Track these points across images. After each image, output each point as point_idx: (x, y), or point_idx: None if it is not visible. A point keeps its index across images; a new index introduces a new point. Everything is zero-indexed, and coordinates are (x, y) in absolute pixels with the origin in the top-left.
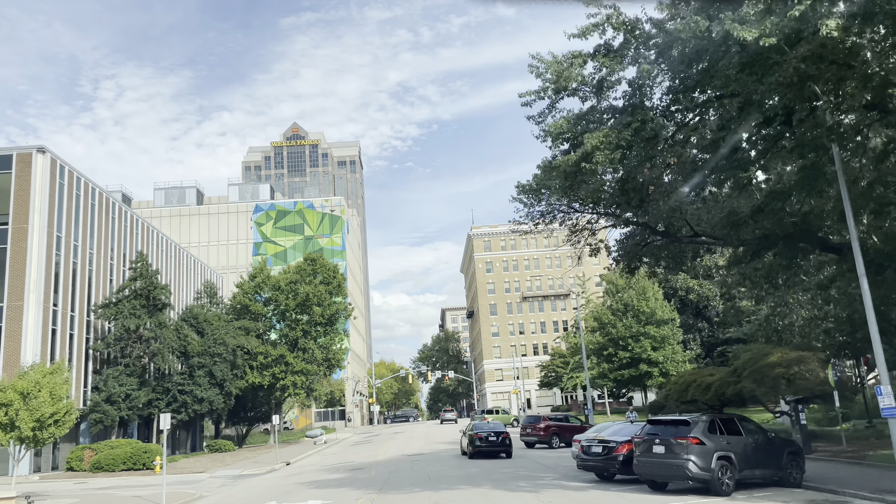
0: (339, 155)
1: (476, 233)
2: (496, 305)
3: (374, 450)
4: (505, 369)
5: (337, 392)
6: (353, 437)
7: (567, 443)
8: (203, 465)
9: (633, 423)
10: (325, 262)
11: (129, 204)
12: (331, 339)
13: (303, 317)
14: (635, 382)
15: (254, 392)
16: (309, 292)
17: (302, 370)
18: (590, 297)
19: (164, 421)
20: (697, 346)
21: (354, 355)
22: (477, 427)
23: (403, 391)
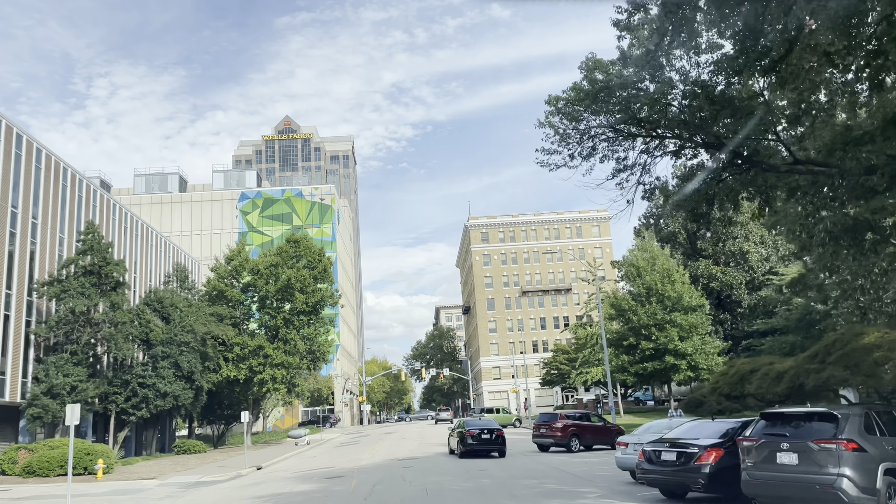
0: (331, 149)
1: (473, 224)
2: (494, 300)
3: (360, 452)
4: (503, 367)
5: (325, 390)
6: (340, 438)
7: (587, 446)
8: (159, 470)
9: (709, 423)
10: (310, 244)
11: (109, 190)
12: (315, 330)
13: (284, 305)
14: (659, 377)
15: (230, 387)
16: (291, 277)
17: (282, 363)
18: (602, 286)
19: (71, 414)
20: (720, 340)
21: (344, 352)
22: (468, 424)
23: (396, 390)
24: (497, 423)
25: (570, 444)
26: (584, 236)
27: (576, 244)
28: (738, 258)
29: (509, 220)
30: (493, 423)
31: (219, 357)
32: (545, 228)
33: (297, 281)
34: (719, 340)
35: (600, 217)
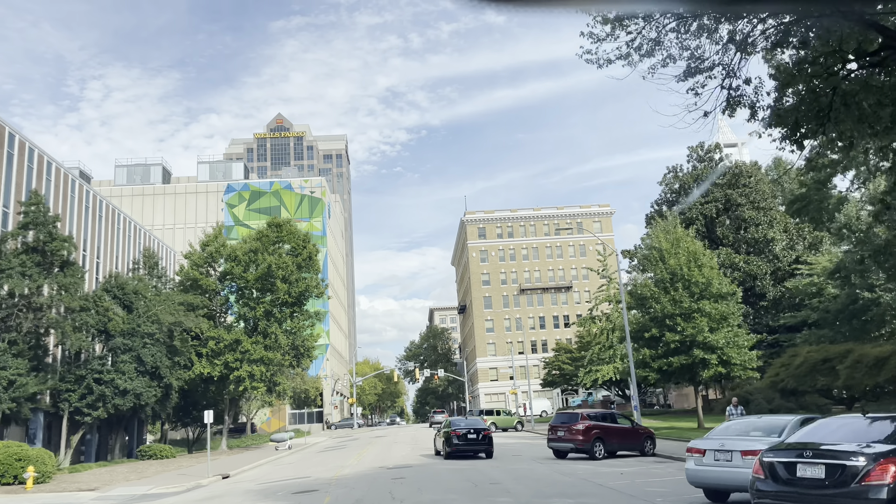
0: (324, 148)
1: (470, 219)
2: (491, 298)
3: (345, 459)
4: (500, 368)
5: (313, 391)
6: (327, 441)
7: (611, 451)
8: (109, 479)
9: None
10: (294, 228)
11: (89, 181)
12: (299, 323)
13: (265, 295)
14: (684, 373)
15: (205, 386)
16: (272, 264)
17: (262, 359)
18: (612, 276)
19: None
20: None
21: (335, 352)
22: (454, 424)
23: (388, 392)
24: (483, 421)
25: (594, 449)
26: (585, 232)
27: (576, 240)
28: (761, 246)
29: (507, 214)
30: (480, 422)
31: (191, 352)
32: (544, 224)
33: (279, 268)
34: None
35: (601, 212)
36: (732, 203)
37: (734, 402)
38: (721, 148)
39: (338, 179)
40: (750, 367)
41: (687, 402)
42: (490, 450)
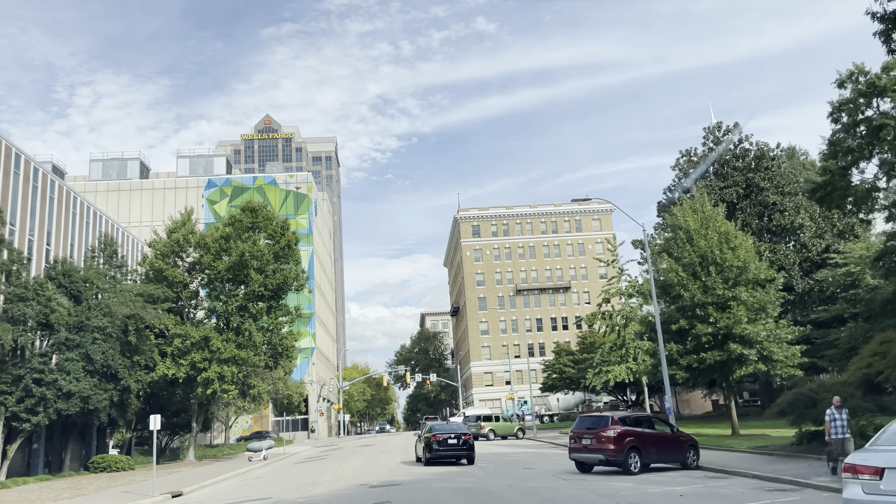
0: (314, 150)
1: (463, 216)
2: (486, 299)
3: (322, 472)
4: (496, 373)
5: (296, 396)
6: (308, 451)
7: (647, 464)
8: (36, 497)
9: None
10: (271, 214)
11: (63, 177)
12: (276, 320)
13: (237, 288)
14: (718, 371)
15: (171, 389)
16: (245, 252)
17: (233, 358)
18: (623, 267)
19: None
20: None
21: (321, 356)
22: (435, 429)
23: (378, 399)
24: (465, 426)
25: (628, 461)
26: (584, 230)
27: (575, 238)
28: (787, 234)
29: (502, 212)
30: (462, 427)
31: (153, 351)
32: (541, 221)
33: (253, 257)
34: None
35: (601, 209)
36: (754, 187)
37: (836, 402)
38: (741, 128)
39: (327, 182)
40: (791, 363)
41: (689, 408)
42: (472, 455)
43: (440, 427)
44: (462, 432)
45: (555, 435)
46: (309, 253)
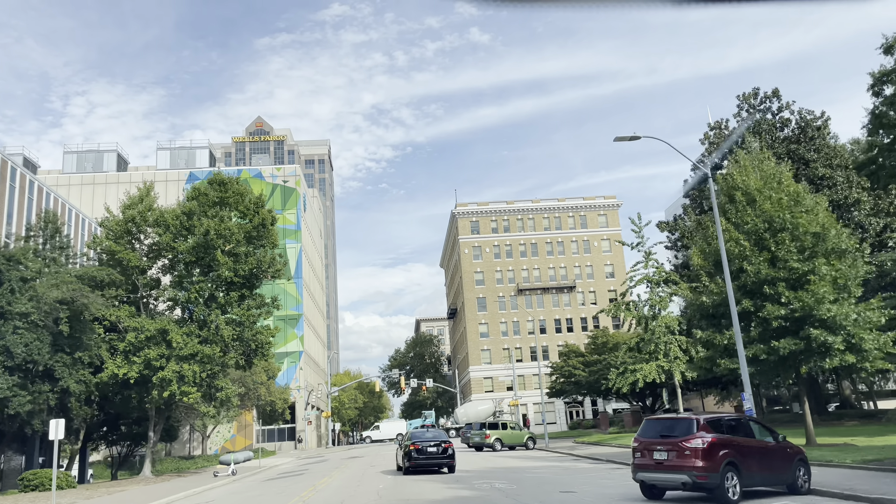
0: (307, 153)
1: (461, 211)
2: (485, 300)
3: (288, 496)
4: (496, 378)
5: (280, 403)
6: (288, 464)
7: (749, 486)
8: None
9: None
10: (243, 188)
11: (35, 172)
12: (248, 312)
13: (202, 274)
14: (790, 363)
15: (127, 392)
16: (211, 230)
17: (195, 355)
18: (650, 250)
19: None
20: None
21: (310, 361)
22: (414, 437)
23: (371, 407)
24: (445, 433)
25: (724, 484)
26: (590, 226)
27: (580, 235)
28: (841, 212)
29: (503, 207)
30: (442, 434)
31: (100, 346)
32: (544, 217)
33: (220, 237)
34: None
35: (608, 204)
36: (799, 160)
37: None
38: (780, 95)
39: (320, 185)
40: (882, 354)
41: None
42: (452, 464)
43: (419, 435)
44: (441, 440)
45: (569, 445)
46: (297, 250)
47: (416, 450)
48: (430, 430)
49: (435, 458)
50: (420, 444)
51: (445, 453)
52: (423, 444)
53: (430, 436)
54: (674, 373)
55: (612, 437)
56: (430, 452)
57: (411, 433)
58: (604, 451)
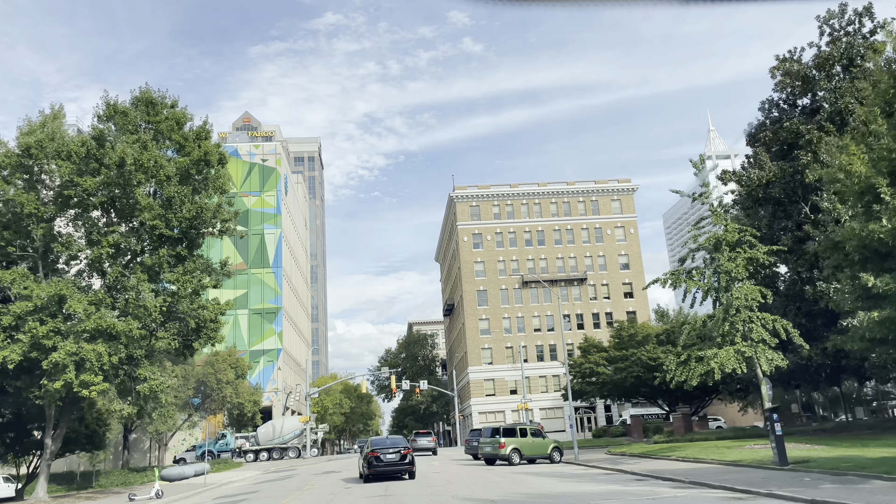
0: (296, 150)
1: (460, 195)
2: (486, 293)
3: None
4: (499, 379)
5: (249, 406)
6: (241, 482)
7: None
8: None
9: None
10: (180, 114)
11: None
12: (186, 277)
13: (119, 221)
14: None
15: (12, 383)
16: (128, 158)
17: (105, 332)
18: (720, 200)
19: None
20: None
21: (290, 361)
22: (374, 444)
23: (360, 413)
24: (405, 440)
25: None
26: (602, 212)
27: (591, 222)
28: None
29: (506, 190)
30: (402, 441)
31: None
32: (552, 202)
33: (142, 170)
34: None
35: (622, 188)
36: None
37: None
38: (872, 13)
39: (310, 183)
40: None
41: (729, 419)
42: (412, 470)
43: (379, 442)
44: (402, 446)
45: (603, 457)
46: (276, 236)
47: (375, 457)
48: (389, 437)
49: (394, 465)
50: (379, 451)
51: (405, 460)
52: (382, 452)
53: (389, 443)
54: (758, 360)
55: (660, 447)
56: (390, 460)
57: (372, 440)
58: (668, 466)
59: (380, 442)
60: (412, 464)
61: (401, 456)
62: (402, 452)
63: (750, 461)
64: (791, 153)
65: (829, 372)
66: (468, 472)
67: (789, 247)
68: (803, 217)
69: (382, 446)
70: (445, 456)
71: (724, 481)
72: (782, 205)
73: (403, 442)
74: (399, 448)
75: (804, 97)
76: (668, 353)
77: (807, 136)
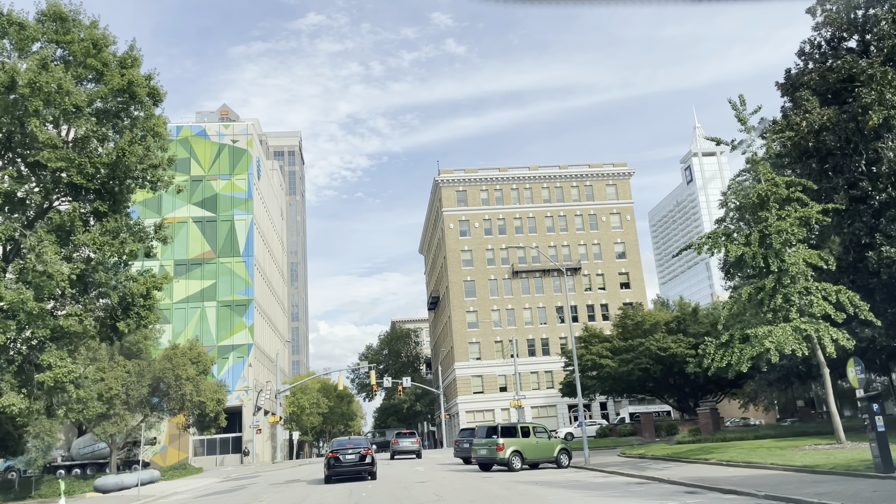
0: (275, 144)
1: (446, 179)
2: (474, 283)
3: None
4: (487, 376)
5: (211, 405)
6: (183, 495)
7: None
8: None
9: None
10: (99, 35)
11: None
12: (107, 240)
13: (11, 168)
14: None
15: None
16: (20, 80)
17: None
18: (760, 157)
19: None
20: None
21: (262, 357)
22: (335, 444)
23: (339, 413)
24: (366, 440)
25: None
26: (597, 198)
27: (585, 209)
28: None
29: (495, 174)
30: (363, 441)
31: None
32: (543, 187)
33: (39, 95)
34: None
35: (617, 173)
36: None
37: None
38: None
39: (290, 178)
40: None
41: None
42: (373, 471)
43: (340, 443)
44: (362, 447)
45: (618, 460)
46: (247, 222)
47: (334, 458)
48: (352, 438)
49: (354, 465)
50: (339, 452)
51: (364, 461)
52: (342, 453)
53: (349, 444)
54: (821, 340)
55: (688, 448)
56: (349, 460)
57: (335, 441)
58: (715, 473)
59: (340, 443)
60: (372, 464)
61: (360, 457)
62: (361, 453)
63: (831, 466)
64: (842, 98)
65: (885, 357)
66: (461, 482)
67: (846, 206)
68: (859, 174)
69: (342, 448)
70: (431, 459)
71: (819, 496)
72: (833, 157)
73: (365, 443)
74: (359, 449)
75: (851, 39)
76: (679, 343)
77: (869, 72)
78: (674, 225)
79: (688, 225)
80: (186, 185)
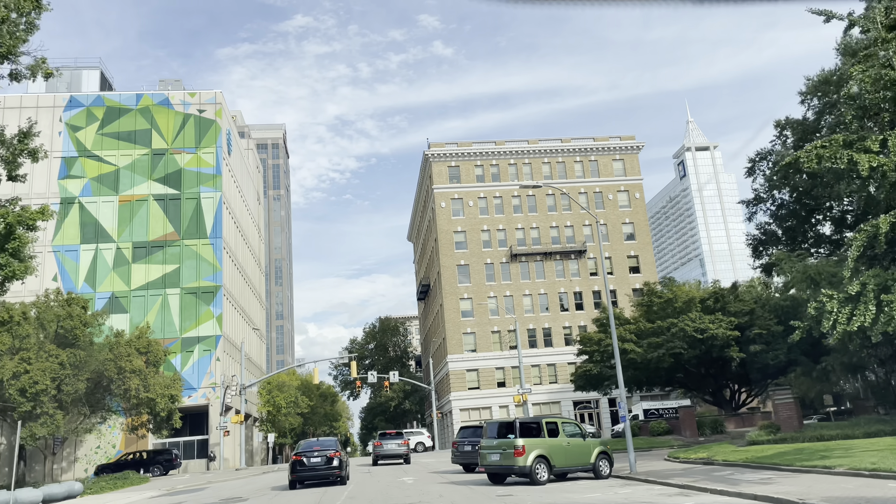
0: (259, 137)
1: (437, 154)
2: (468, 268)
3: None
4: (483, 370)
5: (162, 402)
6: None
7: None
8: None
9: None
10: None
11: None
12: None
13: None
14: None
15: None
16: None
17: None
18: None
19: None
20: None
21: (233, 350)
22: (302, 447)
23: (322, 414)
24: (335, 442)
25: None
26: (602, 174)
27: (590, 185)
28: None
29: (491, 148)
30: (331, 443)
31: None
32: (544, 162)
33: None
34: None
35: (625, 147)
36: None
37: None
38: None
39: (274, 172)
40: None
41: None
42: (342, 475)
43: (307, 445)
44: (330, 449)
45: (668, 466)
46: (215, 200)
47: (298, 461)
48: (320, 439)
49: (319, 469)
50: (304, 455)
51: (331, 464)
52: (307, 455)
53: (317, 446)
54: None
55: (777, 450)
56: (314, 464)
57: (302, 442)
58: (860, 490)
59: (307, 445)
60: (340, 468)
61: (326, 459)
62: (328, 456)
63: None
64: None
65: None
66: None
67: None
68: None
69: (308, 450)
70: (422, 465)
71: None
72: None
73: (334, 445)
74: (326, 451)
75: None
76: (718, 323)
77: None
78: (667, 221)
79: (681, 220)
80: (146, 160)
